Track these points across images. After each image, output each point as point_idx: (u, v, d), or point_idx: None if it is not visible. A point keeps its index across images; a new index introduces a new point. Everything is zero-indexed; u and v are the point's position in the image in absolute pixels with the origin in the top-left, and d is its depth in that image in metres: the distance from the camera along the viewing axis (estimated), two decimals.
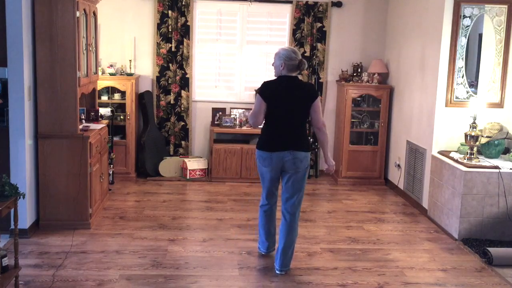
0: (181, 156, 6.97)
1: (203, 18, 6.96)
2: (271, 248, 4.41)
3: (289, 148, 3.96)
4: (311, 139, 7.02)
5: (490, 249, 4.46)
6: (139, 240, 4.67)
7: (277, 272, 4.10)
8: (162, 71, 6.86)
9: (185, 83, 6.89)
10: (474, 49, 5.37)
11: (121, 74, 6.62)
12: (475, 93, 5.38)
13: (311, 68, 6.98)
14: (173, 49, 6.80)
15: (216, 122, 6.93)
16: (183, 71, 6.86)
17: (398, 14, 6.66)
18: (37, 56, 4.63)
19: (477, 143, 5.00)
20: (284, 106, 3.95)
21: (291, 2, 6.87)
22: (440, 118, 5.44)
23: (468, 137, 4.99)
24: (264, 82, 4.05)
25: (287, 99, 3.94)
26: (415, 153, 5.98)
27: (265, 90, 3.98)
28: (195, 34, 6.92)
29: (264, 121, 4.05)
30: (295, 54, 3.97)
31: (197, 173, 6.81)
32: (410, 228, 5.28)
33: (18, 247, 3.55)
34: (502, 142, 5.16)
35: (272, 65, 4.09)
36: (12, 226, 4.22)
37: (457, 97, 5.38)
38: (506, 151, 5.28)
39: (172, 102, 6.91)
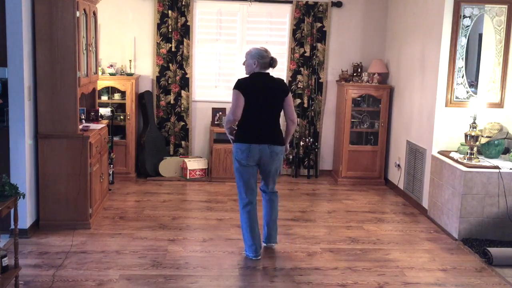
0: (181, 156, 6.97)
1: (203, 18, 6.96)
2: (259, 251, 4.36)
3: (266, 142, 4.24)
4: (311, 139, 7.03)
5: (490, 249, 4.46)
6: (139, 240, 4.67)
7: (264, 245, 4.54)
8: (162, 71, 6.86)
9: (185, 83, 6.89)
10: (474, 49, 5.37)
11: (121, 74, 6.62)
12: (475, 93, 5.38)
13: (311, 68, 6.98)
14: (173, 49, 6.80)
15: (216, 122, 6.93)
16: (183, 71, 6.86)
17: (398, 14, 6.67)
18: (37, 56, 4.63)
19: (477, 143, 5.00)
20: (260, 100, 4.22)
21: (291, 2, 6.87)
22: (440, 118, 5.44)
23: (468, 137, 4.99)
24: (239, 79, 4.31)
25: (263, 93, 4.23)
26: (415, 153, 5.98)
27: (242, 86, 4.22)
28: (195, 34, 6.92)
29: (241, 116, 4.25)
30: (266, 53, 4.26)
31: (197, 173, 6.81)
32: (410, 228, 5.28)
33: (18, 247, 3.55)
34: (502, 142, 5.16)
35: (243, 64, 4.39)
36: (12, 226, 4.22)
37: (457, 97, 5.38)
38: (506, 151, 5.28)
39: (172, 102, 6.91)
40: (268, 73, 4.31)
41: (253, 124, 4.25)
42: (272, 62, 4.27)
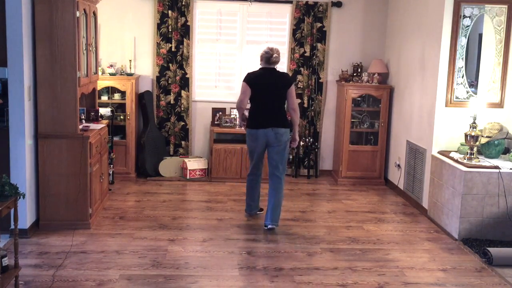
0: (181, 156, 6.97)
1: (203, 18, 6.96)
2: (253, 210, 5.37)
3: (270, 126, 4.93)
4: (311, 139, 7.03)
5: (490, 249, 4.46)
6: (139, 240, 4.67)
7: (266, 227, 4.99)
8: (162, 71, 6.86)
9: (185, 83, 6.89)
10: (474, 49, 5.37)
11: (121, 74, 6.62)
12: (475, 93, 5.38)
13: (311, 68, 6.98)
14: (173, 49, 6.80)
15: (216, 122, 6.93)
16: (183, 71, 6.86)
17: (398, 14, 6.67)
18: (37, 56, 4.63)
19: (477, 143, 5.00)
20: (265, 91, 4.95)
21: (291, 2, 6.87)
22: (440, 118, 5.44)
23: (468, 137, 4.99)
24: (248, 72, 5.12)
25: (266, 85, 4.95)
26: (415, 153, 5.98)
27: (249, 78, 5.00)
28: (195, 34, 6.92)
29: (250, 106, 5.06)
30: (269, 51, 4.96)
31: (197, 173, 6.81)
32: (410, 228, 5.28)
33: (18, 247, 3.55)
34: (502, 142, 5.16)
35: None
36: (12, 226, 4.21)
37: (457, 97, 5.38)
38: (506, 151, 5.28)
39: (172, 102, 6.91)
40: (274, 68, 5.00)
41: (259, 112, 5.00)
42: (270, 58, 4.94)
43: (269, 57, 4.95)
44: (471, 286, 4.01)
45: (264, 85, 4.95)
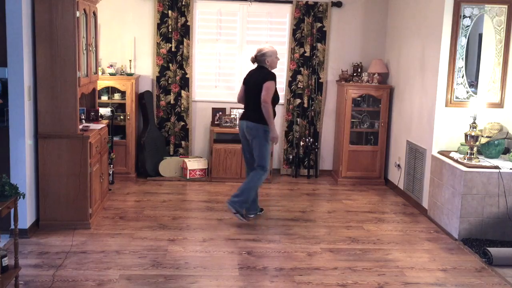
0: (181, 156, 6.97)
1: (203, 18, 6.96)
2: (252, 211, 5.37)
3: (245, 119, 5.27)
4: (311, 139, 7.03)
5: (490, 249, 4.46)
6: (139, 240, 4.67)
7: (227, 202, 5.23)
8: (162, 71, 6.86)
9: (185, 83, 6.89)
10: (474, 49, 5.37)
11: (121, 74, 6.61)
12: (475, 93, 5.38)
13: (311, 68, 6.98)
14: (173, 49, 6.80)
15: (216, 122, 6.93)
16: (183, 71, 6.87)
17: (398, 14, 6.67)
18: (37, 56, 4.63)
19: (477, 143, 5.00)
20: (248, 87, 5.28)
21: (291, 2, 6.87)
22: (440, 118, 5.44)
23: (468, 137, 4.99)
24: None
25: (250, 82, 5.27)
26: (415, 153, 5.98)
27: (245, 76, 5.42)
28: (195, 34, 6.92)
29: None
30: (257, 50, 5.25)
31: (197, 173, 6.81)
32: (410, 228, 5.28)
33: (18, 247, 3.55)
34: (502, 142, 5.16)
35: None
36: (12, 226, 4.21)
37: (457, 97, 5.38)
38: (506, 151, 5.28)
39: (172, 102, 6.91)
40: (263, 67, 5.24)
41: (244, 106, 5.38)
42: (255, 57, 5.24)
43: (255, 56, 5.25)
44: (471, 286, 4.01)
45: (249, 82, 5.28)
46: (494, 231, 4.89)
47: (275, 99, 5.24)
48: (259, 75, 5.18)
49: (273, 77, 5.14)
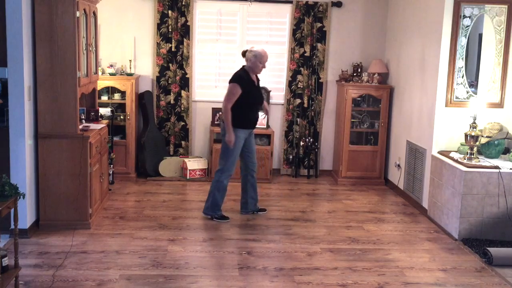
0: (181, 156, 6.97)
1: (203, 18, 6.96)
2: (250, 208, 5.48)
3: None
4: (311, 139, 7.03)
5: (490, 249, 4.46)
6: (139, 240, 4.67)
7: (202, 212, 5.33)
8: (162, 71, 6.86)
9: (185, 83, 6.89)
10: (474, 49, 5.37)
11: (121, 74, 6.61)
12: (475, 93, 5.38)
13: (311, 68, 6.98)
14: (173, 49, 6.80)
15: (216, 122, 6.93)
16: (183, 71, 6.86)
17: (398, 14, 6.67)
18: (37, 56, 4.63)
19: (477, 143, 5.00)
20: None
21: (291, 2, 6.87)
22: (440, 118, 5.44)
23: (468, 137, 4.99)
24: None
25: None
26: (415, 153, 5.98)
27: None
28: (195, 34, 6.92)
29: None
30: (249, 48, 5.25)
31: (197, 173, 6.81)
32: (410, 228, 5.28)
33: (18, 247, 3.55)
34: (502, 142, 5.16)
35: None
36: (12, 226, 4.22)
37: (457, 97, 5.38)
38: (506, 151, 5.28)
39: (172, 102, 6.91)
40: (244, 65, 5.25)
41: None
42: (244, 53, 5.24)
43: (244, 51, 5.27)
44: (471, 286, 4.01)
45: None
46: (494, 231, 4.89)
47: (255, 98, 5.21)
48: (233, 74, 5.23)
49: (237, 80, 5.07)
